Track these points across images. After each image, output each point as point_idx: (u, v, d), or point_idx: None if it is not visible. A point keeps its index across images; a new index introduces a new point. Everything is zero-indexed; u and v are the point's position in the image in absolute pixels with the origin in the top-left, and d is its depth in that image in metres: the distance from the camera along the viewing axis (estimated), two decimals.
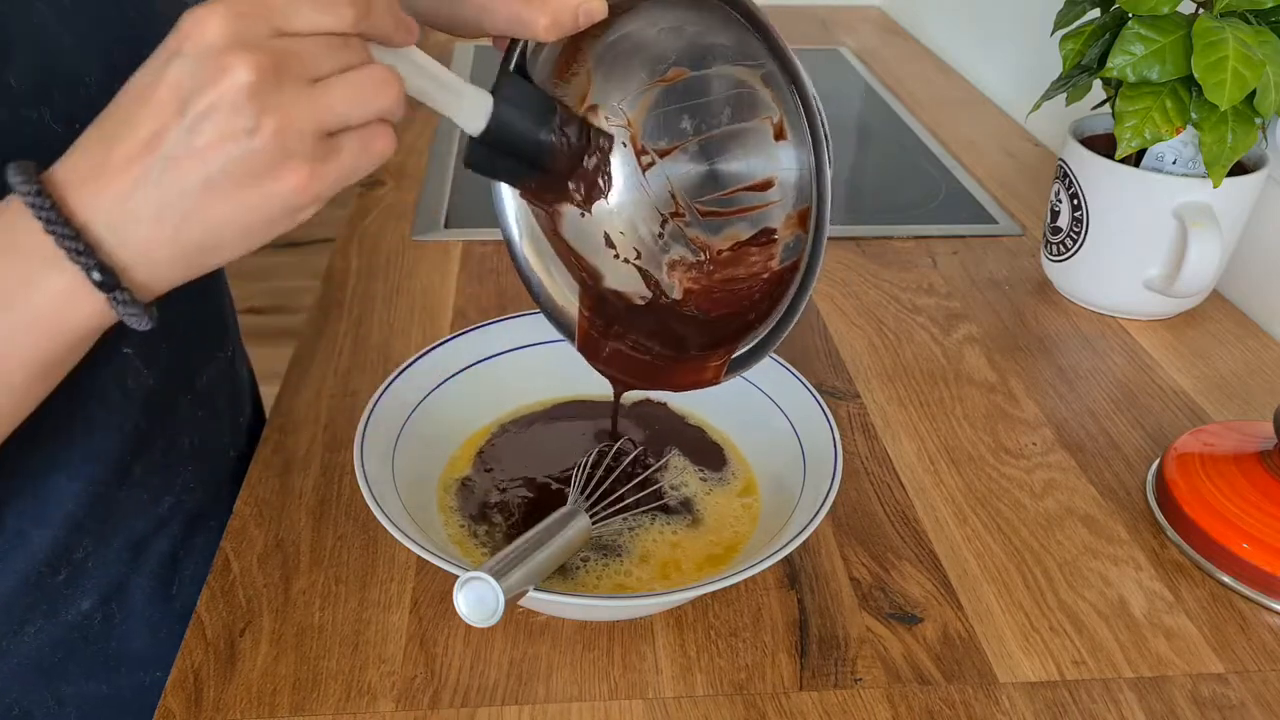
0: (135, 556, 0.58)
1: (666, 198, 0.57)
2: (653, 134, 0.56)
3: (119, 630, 0.57)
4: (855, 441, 0.66)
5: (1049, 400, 0.70)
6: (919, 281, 0.85)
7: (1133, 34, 0.68)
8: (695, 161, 0.56)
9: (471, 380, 0.62)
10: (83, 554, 0.54)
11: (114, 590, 0.57)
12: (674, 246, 0.58)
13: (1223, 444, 0.61)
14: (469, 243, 0.89)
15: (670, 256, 0.58)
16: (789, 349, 0.74)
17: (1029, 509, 0.60)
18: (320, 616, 0.52)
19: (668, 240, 0.58)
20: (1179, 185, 0.73)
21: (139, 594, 0.58)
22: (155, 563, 0.59)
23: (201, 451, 0.61)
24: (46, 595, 0.54)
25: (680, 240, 0.57)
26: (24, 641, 0.54)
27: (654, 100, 0.55)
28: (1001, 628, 0.52)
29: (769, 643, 0.51)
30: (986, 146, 1.13)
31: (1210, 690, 0.50)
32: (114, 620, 0.57)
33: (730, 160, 0.55)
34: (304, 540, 0.56)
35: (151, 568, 0.59)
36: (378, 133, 0.38)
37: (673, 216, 0.57)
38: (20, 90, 0.44)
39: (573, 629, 0.52)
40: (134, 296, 0.37)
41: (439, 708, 0.48)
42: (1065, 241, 0.80)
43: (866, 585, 0.55)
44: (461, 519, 0.55)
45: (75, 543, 0.54)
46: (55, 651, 0.55)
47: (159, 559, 0.59)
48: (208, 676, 0.49)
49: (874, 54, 1.43)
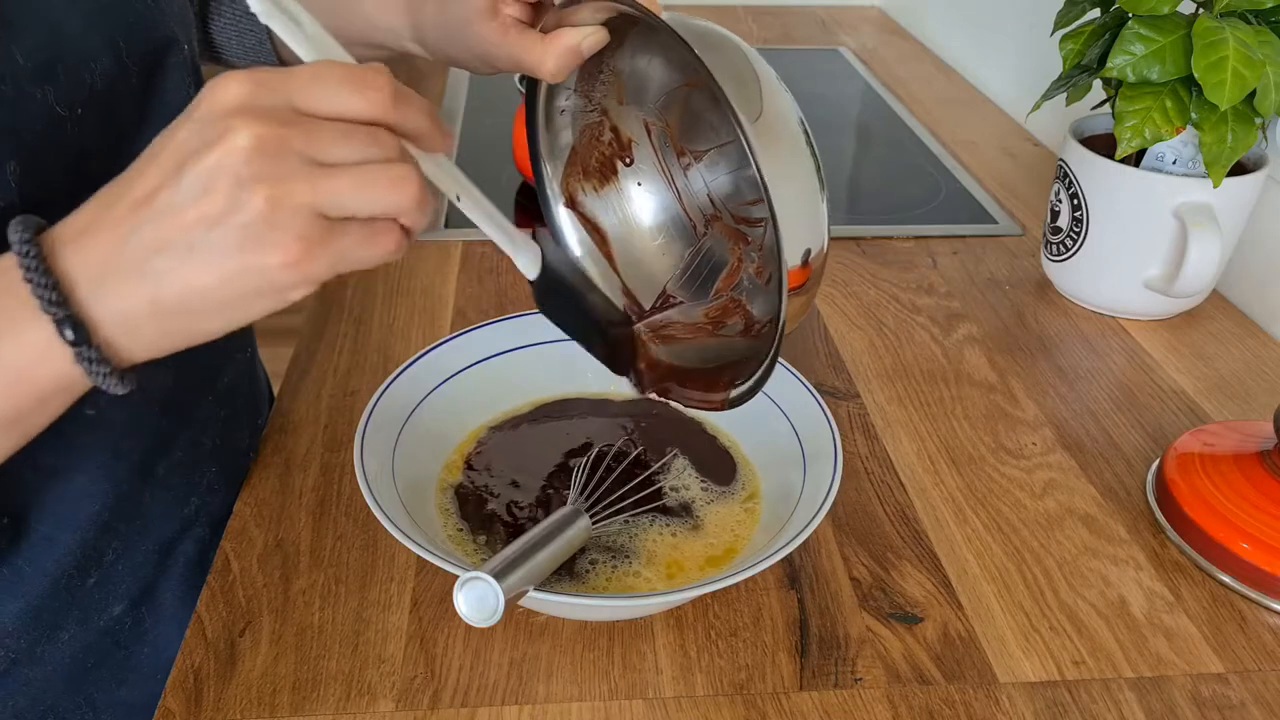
0: (163, 559, 0.58)
1: (706, 201, 0.57)
2: (687, 137, 0.56)
3: (150, 634, 0.58)
4: (855, 441, 0.66)
5: (1049, 400, 0.70)
6: (919, 281, 0.85)
7: (1133, 34, 0.68)
8: (725, 167, 0.57)
9: (471, 380, 0.62)
10: (112, 556, 0.55)
11: (144, 594, 0.57)
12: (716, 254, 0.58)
13: (1223, 444, 0.61)
14: (469, 243, 0.89)
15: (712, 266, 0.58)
16: (789, 349, 0.74)
17: (1029, 509, 0.60)
18: (320, 616, 0.52)
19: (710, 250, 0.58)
20: (1179, 185, 0.73)
21: (169, 597, 0.58)
22: (183, 566, 0.59)
23: (223, 451, 0.61)
24: (79, 600, 0.54)
25: (721, 249, 0.58)
26: (59, 647, 0.54)
27: (684, 103, 0.55)
28: (1001, 628, 0.52)
29: (769, 643, 0.51)
30: (986, 146, 1.13)
31: (1210, 690, 0.50)
32: (144, 624, 0.57)
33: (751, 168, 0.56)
34: (304, 540, 0.56)
35: (180, 571, 0.59)
36: (385, 229, 0.36)
37: (713, 220, 0.57)
38: (26, 67, 0.44)
39: (573, 629, 0.52)
40: (103, 355, 0.36)
41: (439, 708, 0.48)
42: (1065, 241, 0.80)
43: (866, 585, 0.55)
44: (460, 519, 0.55)
45: (104, 545, 0.54)
46: (88, 656, 0.55)
47: (186, 562, 0.59)
48: (208, 676, 0.49)
49: (874, 54, 1.43)
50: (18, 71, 0.44)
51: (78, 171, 0.49)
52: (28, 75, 0.44)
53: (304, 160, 0.34)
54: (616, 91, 0.55)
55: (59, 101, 0.46)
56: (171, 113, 0.53)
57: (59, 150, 0.46)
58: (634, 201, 0.58)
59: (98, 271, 0.35)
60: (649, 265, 0.58)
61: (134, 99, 0.51)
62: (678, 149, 0.56)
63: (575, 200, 0.58)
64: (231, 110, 0.34)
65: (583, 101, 0.55)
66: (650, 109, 0.55)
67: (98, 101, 0.48)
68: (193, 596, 0.59)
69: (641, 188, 0.58)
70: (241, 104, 0.34)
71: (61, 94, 0.46)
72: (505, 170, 1.01)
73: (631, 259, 0.58)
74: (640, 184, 0.58)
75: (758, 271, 0.55)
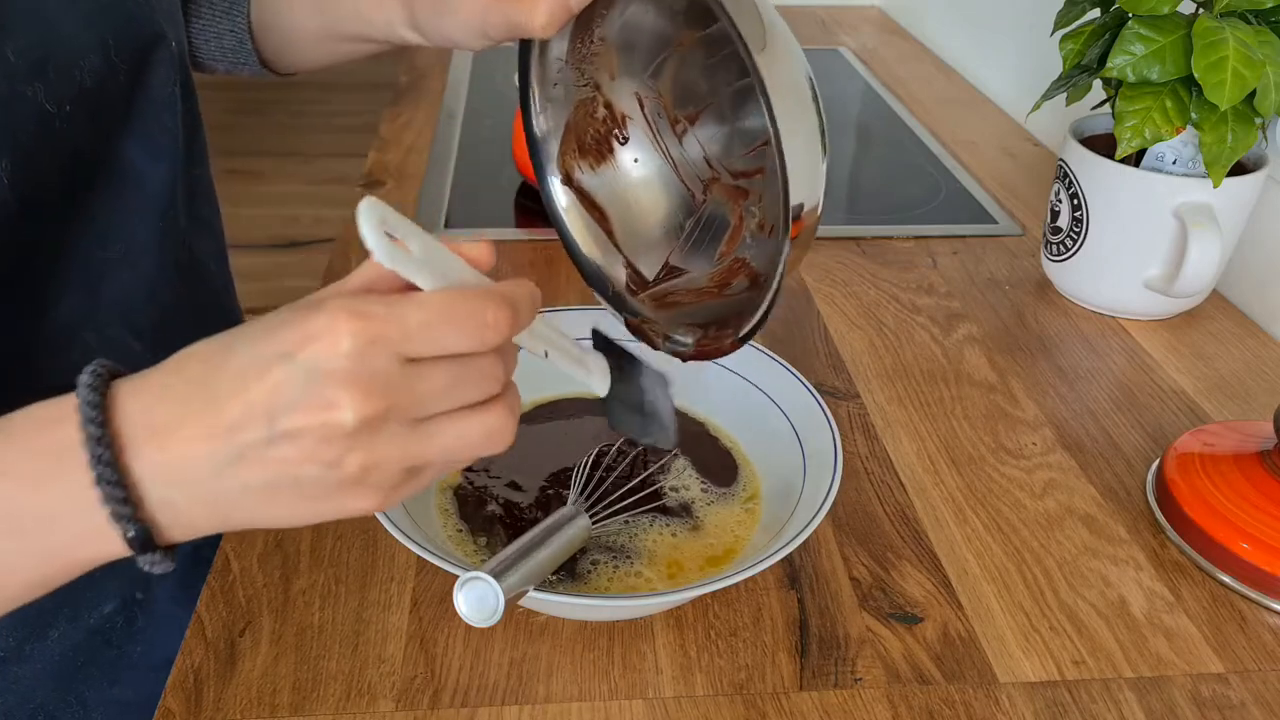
0: None
1: (703, 165, 0.57)
2: (681, 101, 0.56)
3: (143, 633, 0.57)
4: (855, 441, 0.66)
5: (1049, 400, 0.70)
6: (919, 281, 0.85)
7: (1133, 34, 0.68)
8: (720, 123, 0.57)
9: None
10: None
11: (135, 592, 0.57)
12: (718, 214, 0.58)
13: (1223, 444, 0.61)
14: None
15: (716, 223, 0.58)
16: (789, 349, 0.74)
17: (1029, 509, 0.60)
18: (320, 616, 0.52)
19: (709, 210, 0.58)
20: (1179, 185, 0.73)
21: (162, 595, 0.58)
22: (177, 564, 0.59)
23: None
24: (69, 598, 0.53)
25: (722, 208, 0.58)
26: (48, 645, 0.53)
27: (676, 67, 0.55)
28: (1001, 628, 0.53)
29: (769, 643, 0.51)
30: (986, 146, 1.13)
31: (1210, 690, 0.50)
32: (136, 623, 0.57)
33: (748, 114, 0.56)
34: (304, 540, 0.56)
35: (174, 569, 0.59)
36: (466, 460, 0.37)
37: (711, 183, 0.57)
38: (18, 65, 0.44)
39: (573, 629, 0.52)
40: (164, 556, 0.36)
41: (439, 708, 0.48)
42: (1065, 241, 0.80)
43: (866, 585, 0.55)
44: (460, 520, 0.55)
45: None
46: (79, 655, 0.55)
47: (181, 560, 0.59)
48: (208, 676, 0.49)
49: (874, 54, 1.43)
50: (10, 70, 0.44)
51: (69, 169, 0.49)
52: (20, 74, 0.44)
53: (404, 425, 0.34)
54: (608, 64, 0.55)
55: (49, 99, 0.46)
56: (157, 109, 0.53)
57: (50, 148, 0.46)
58: (631, 177, 0.58)
59: (172, 485, 0.34)
60: (650, 239, 0.59)
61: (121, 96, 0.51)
62: (671, 118, 0.57)
63: (572, 178, 0.57)
64: (339, 376, 0.32)
65: (575, 74, 0.55)
66: (642, 79, 0.56)
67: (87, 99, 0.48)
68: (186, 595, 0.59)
69: (638, 163, 0.58)
70: (349, 369, 0.32)
71: (51, 92, 0.46)
72: (505, 170, 1.01)
73: (632, 232, 0.58)
74: (636, 159, 0.58)
75: (759, 226, 0.55)
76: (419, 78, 1.25)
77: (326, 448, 0.33)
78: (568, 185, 0.57)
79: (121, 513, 0.33)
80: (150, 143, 0.53)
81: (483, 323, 0.34)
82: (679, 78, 0.55)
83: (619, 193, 0.58)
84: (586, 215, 0.58)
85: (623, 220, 0.58)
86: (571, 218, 0.58)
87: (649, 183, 0.58)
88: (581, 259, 0.58)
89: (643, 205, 0.58)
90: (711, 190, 0.57)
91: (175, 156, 0.56)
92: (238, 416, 0.33)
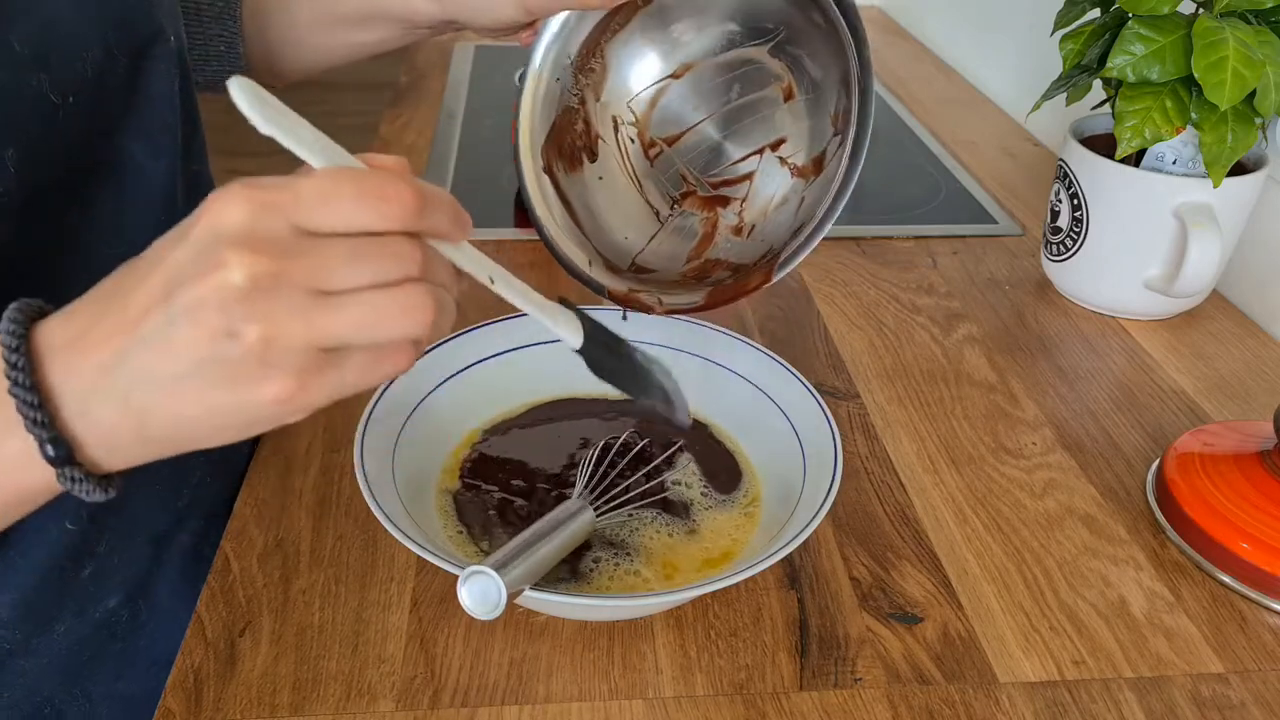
0: (158, 551, 0.58)
1: (677, 179, 0.62)
2: (659, 126, 0.61)
3: (147, 628, 0.58)
4: (855, 441, 0.66)
5: (1049, 400, 0.70)
6: (919, 281, 0.85)
7: (1133, 34, 0.68)
8: (707, 139, 0.62)
9: (471, 380, 0.62)
10: (105, 548, 0.55)
11: (140, 586, 0.57)
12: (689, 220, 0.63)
13: (1223, 444, 0.61)
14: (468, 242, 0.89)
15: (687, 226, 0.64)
16: (789, 349, 0.74)
17: (1029, 509, 0.60)
18: (320, 616, 0.52)
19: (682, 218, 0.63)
20: (1179, 185, 0.73)
21: (165, 590, 0.58)
22: (179, 558, 0.59)
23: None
24: (73, 592, 0.54)
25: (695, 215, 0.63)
26: (54, 639, 0.54)
27: (666, 95, 0.60)
28: (1001, 628, 0.52)
29: (769, 643, 0.51)
30: (986, 146, 1.13)
31: (1210, 690, 0.50)
32: (141, 617, 0.57)
33: (741, 130, 0.61)
34: (304, 540, 0.56)
35: (175, 563, 0.59)
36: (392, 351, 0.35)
37: (683, 197, 0.62)
38: (22, 54, 0.44)
39: (573, 629, 0.52)
40: (86, 472, 0.35)
41: (439, 708, 0.48)
42: (1065, 241, 0.80)
43: (866, 585, 0.55)
44: (460, 521, 0.55)
45: (94, 537, 0.54)
46: (84, 649, 0.55)
47: (182, 554, 0.59)
48: (208, 676, 0.49)
49: (874, 54, 1.43)
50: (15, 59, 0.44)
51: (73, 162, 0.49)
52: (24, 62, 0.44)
53: (305, 293, 0.32)
54: (596, 86, 0.58)
55: (53, 89, 0.46)
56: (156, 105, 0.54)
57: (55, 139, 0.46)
58: (595, 192, 0.62)
59: (84, 391, 0.34)
60: (614, 242, 0.63)
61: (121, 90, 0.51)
62: (646, 143, 0.62)
63: (551, 170, 0.61)
64: (229, 238, 0.32)
65: (571, 79, 0.59)
66: (624, 105, 0.60)
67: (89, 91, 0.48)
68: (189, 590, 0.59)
69: (602, 181, 0.62)
70: (240, 231, 0.32)
71: (55, 82, 0.46)
72: (505, 170, 1.01)
73: (598, 231, 0.62)
74: (601, 178, 0.62)
75: (735, 230, 0.61)
76: (419, 78, 1.25)
77: (221, 315, 0.32)
78: (548, 175, 0.61)
79: (37, 419, 0.34)
80: (150, 139, 0.53)
81: (380, 194, 0.32)
82: (664, 104, 0.60)
83: (585, 201, 0.62)
84: (559, 205, 0.61)
85: (590, 222, 0.62)
86: (545, 205, 0.61)
87: (613, 200, 0.63)
88: (551, 242, 0.61)
89: (606, 217, 0.63)
90: (684, 203, 0.62)
91: (175, 153, 0.56)
92: (141, 305, 0.33)
